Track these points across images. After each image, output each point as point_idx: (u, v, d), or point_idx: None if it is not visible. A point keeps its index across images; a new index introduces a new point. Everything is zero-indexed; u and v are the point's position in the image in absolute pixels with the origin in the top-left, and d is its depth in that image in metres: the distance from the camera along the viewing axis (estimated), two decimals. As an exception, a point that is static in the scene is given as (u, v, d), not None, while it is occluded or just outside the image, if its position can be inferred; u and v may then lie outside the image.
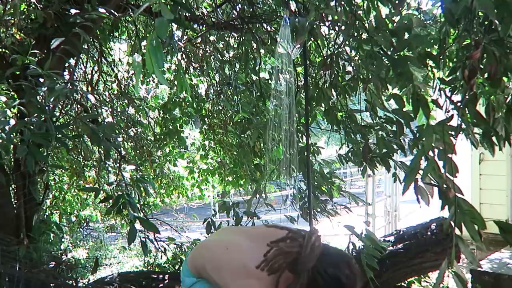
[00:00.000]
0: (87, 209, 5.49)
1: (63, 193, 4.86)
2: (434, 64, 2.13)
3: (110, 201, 2.34)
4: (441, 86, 2.16)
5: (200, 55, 4.57)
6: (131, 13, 2.96)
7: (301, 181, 2.92)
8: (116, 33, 4.19)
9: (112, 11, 1.99)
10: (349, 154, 2.63)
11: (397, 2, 1.74)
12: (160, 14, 1.28)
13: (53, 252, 3.02)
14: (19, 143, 2.16)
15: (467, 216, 1.39)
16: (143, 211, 2.60)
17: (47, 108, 2.16)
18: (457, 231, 1.39)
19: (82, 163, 4.58)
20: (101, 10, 1.89)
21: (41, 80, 2.10)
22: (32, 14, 2.93)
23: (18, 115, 2.50)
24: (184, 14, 2.23)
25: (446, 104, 2.08)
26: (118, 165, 2.88)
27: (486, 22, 1.64)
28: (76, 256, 5.12)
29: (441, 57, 2.14)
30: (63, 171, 4.51)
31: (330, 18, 2.56)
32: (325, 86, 2.67)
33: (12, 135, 1.98)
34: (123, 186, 2.24)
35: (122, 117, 3.77)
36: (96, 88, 4.21)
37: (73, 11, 1.90)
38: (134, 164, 2.60)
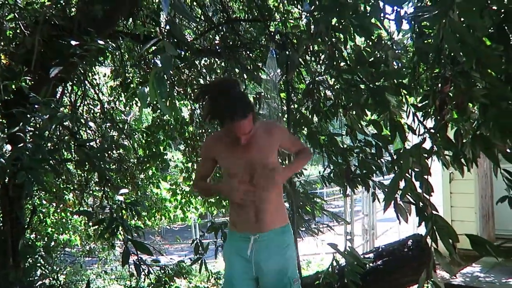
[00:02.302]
0: (66, 233, 5.39)
1: (42, 216, 4.77)
2: (407, 92, 2.34)
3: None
4: (413, 111, 2.36)
5: (183, 79, 4.69)
6: (120, 41, 3.06)
7: (285, 202, 3.03)
8: (101, 58, 4.26)
9: (110, 41, 2.09)
10: (331, 175, 2.78)
11: (376, 41, 1.93)
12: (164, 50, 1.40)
13: (40, 276, 2.98)
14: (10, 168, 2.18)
15: (443, 231, 1.54)
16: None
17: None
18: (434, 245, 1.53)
19: (63, 187, 4.53)
20: (100, 42, 2.00)
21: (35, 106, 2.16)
22: (17, 40, 2.97)
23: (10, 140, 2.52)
24: (185, 49, 2.37)
25: (419, 127, 2.28)
26: (102, 188, 2.91)
27: (452, 54, 1.86)
28: (53, 282, 4.98)
29: (412, 85, 2.35)
30: (43, 194, 4.46)
31: (311, 48, 2.76)
32: (308, 112, 2.84)
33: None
34: (114, 209, 2.29)
35: (107, 140, 3.81)
36: (79, 111, 4.24)
37: (73, 42, 2.00)
38: (126, 188, 2.65)
